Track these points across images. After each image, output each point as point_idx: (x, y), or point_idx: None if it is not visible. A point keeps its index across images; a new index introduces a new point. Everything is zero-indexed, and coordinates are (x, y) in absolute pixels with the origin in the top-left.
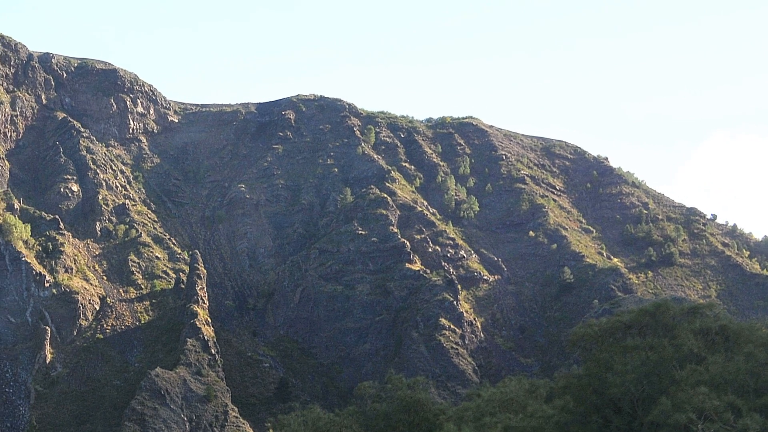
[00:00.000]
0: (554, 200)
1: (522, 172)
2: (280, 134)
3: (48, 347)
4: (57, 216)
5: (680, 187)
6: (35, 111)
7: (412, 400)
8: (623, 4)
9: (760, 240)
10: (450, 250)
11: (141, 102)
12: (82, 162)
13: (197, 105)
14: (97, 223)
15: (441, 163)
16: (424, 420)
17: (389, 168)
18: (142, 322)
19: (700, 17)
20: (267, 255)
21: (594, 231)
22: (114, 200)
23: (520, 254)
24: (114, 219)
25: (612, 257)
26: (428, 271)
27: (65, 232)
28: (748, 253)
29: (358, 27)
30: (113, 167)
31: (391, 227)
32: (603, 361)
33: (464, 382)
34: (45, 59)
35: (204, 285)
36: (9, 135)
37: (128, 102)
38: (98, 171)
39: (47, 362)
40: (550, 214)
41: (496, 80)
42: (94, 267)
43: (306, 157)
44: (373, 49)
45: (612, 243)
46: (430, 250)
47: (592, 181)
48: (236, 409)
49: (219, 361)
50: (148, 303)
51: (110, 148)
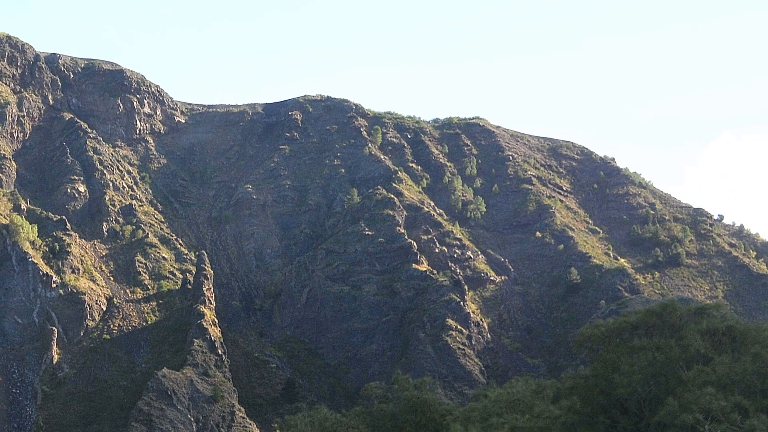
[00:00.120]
0: (561, 201)
1: (529, 173)
2: (287, 135)
3: (55, 348)
4: (64, 216)
5: (687, 188)
6: (42, 111)
7: (419, 401)
8: (631, 5)
9: (767, 241)
10: (457, 251)
11: (148, 102)
12: (89, 163)
13: (204, 105)
14: (104, 224)
15: (448, 164)
16: (431, 420)
17: (396, 168)
18: (149, 323)
19: (708, 18)
20: (274, 255)
21: (601, 231)
22: (121, 201)
23: (527, 255)
24: (121, 219)
25: (619, 258)
26: (435, 272)
27: (72, 233)
28: (755, 254)
29: (365, 28)
30: (120, 168)
31: (398, 228)
32: (610, 362)
33: (471, 383)
34: (52, 60)
35: (211, 285)
36: (16, 136)
37: (135, 102)
38: (105, 171)
39: (54, 363)
40: (557, 215)
41: (503, 81)
42: (101, 267)
43: (313, 158)
44: (380, 50)
45: (619, 243)
46: (437, 251)
47: (599, 182)
48: (243, 410)
49: (226, 362)
50: (155, 303)
51: (117, 149)
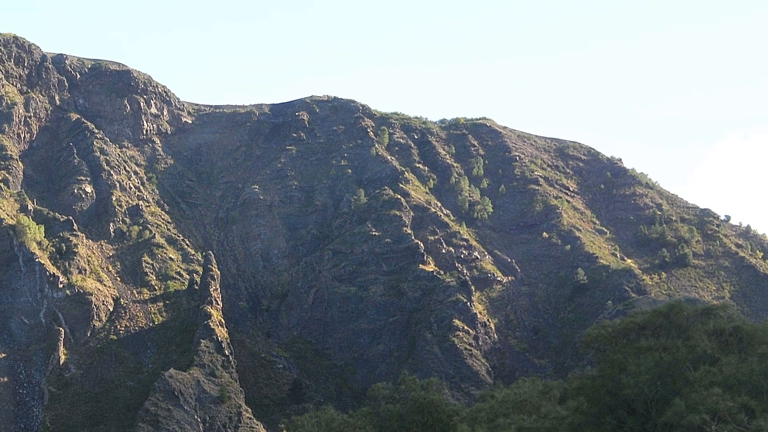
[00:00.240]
0: (568, 201)
1: (536, 173)
2: (294, 135)
3: (62, 348)
4: (71, 217)
5: (694, 188)
6: (49, 112)
7: (426, 401)
8: (637, 5)
9: None
10: (463, 251)
11: (155, 103)
12: (96, 163)
13: (211, 106)
14: (111, 224)
15: (455, 164)
16: (438, 421)
17: (403, 169)
18: (156, 323)
19: (715, 18)
20: (281, 256)
21: (608, 232)
22: (127, 201)
23: (534, 255)
24: (127, 220)
25: (625, 258)
26: (442, 272)
27: (79, 234)
28: (762, 254)
29: (372, 28)
30: (127, 168)
31: (405, 228)
32: (617, 362)
33: (478, 383)
34: (58, 60)
35: (217, 286)
36: (23, 136)
37: (142, 103)
38: (112, 172)
39: (61, 363)
40: (564, 216)
41: (510, 81)
42: (108, 268)
43: (320, 158)
44: (387, 50)
45: (626, 244)
46: (444, 251)
47: (606, 182)
48: (250, 410)
49: (233, 362)
50: (162, 304)
51: (124, 149)
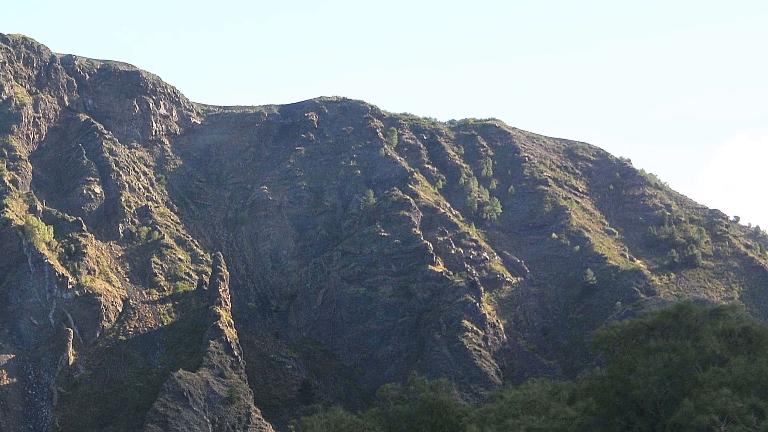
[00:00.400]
0: (577, 202)
1: (545, 174)
2: (303, 136)
3: (71, 349)
4: (80, 218)
5: (703, 189)
6: (58, 113)
7: (435, 402)
8: (645, 6)
9: None
10: (473, 252)
11: (164, 104)
12: (105, 164)
13: (220, 107)
14: (120, 225)
15: (464, 165)
16: (447, 422)
17: (412, 170)
18: (165, 324)
19: (722, 19)
20: (290, 257)
21: (617, 233)
22: (136, 202)
23: (543, 256)
24: (136, 221)
25: (635, 259)
26: (451, 273)
27: (88, 234)
28: None
29: (381, 29)
30: (136, 169)
31: (414, 229)
32: (626, 363)
33: (487, 384)
34: (68, 61)
35: (227, 287)
36: (32, 137)
37: (151, 104)
38: (121, 173)
39: (70, 364)
40: (573, 216)
41: (519, 82)
42: (117, 269)
43: (329, 159)
44: (396, 51)
45: (635, 245)
46: (453, 252)
47: (615, 183)
48: (259, 411)
49: (242, 363)
50: (171, 305)
51: (133, 150)
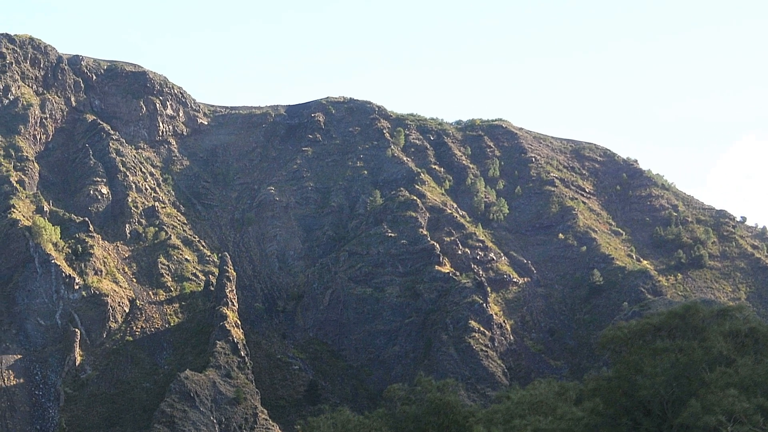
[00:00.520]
0: (584, 203)
1: (551, 175)
2: (310, 136)
3: (77, 350)
4: (86, 218)
5: (710, 190)
6: (65, 113)
7: (442, 403)
8: (653, 7)
9: None
10: (479, 253)
11: (170, 104)
12: (112, 164)
13: (227, 107)
14: (127, 226)
15: (470, 166)
16: (454, 422)
17: (419, 170)
18: (172, 325)
19: (730, 19)
20: (296, 257)
21: (623, 233)
22: (143, 202)
23: (550, 257)
24: (143, 221)
25: (641, 259)
26: (458, 274)
27: (95, 235)
28: None
29: (388, 29)
30: (143, 169)
31: (421, 229)
32: (632, 364)
33: (494, 385)
34: (74, 61)
35: (233, 287)
36: (38, 137)
37: (158, 104)
38: (128, 173)
39: (77, 365)
40: (580, 217)
41: (526, 82)
42: (124, 269)
43: (335, 160)
44: (403, 52)
45: (641, 245)
46: (460, 253)
47: (622, 184)
48: (266, 412)
49: (248, 364)
50: (178, 305)
51: (140, 151)
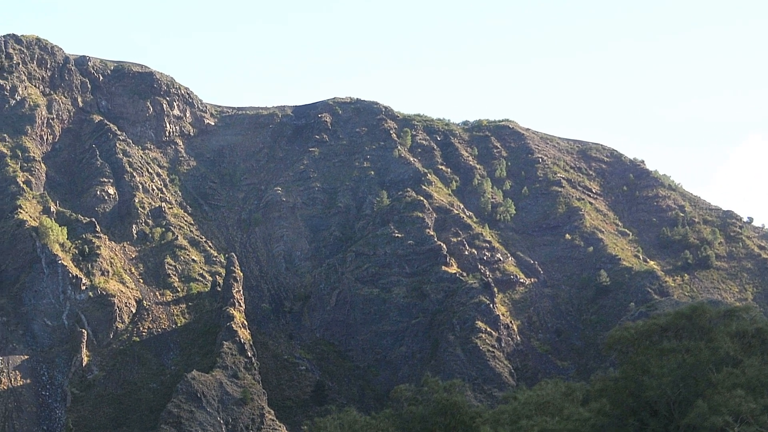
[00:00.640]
0: (590, 203)
1: (558, 175)
2: (317, 137)
3: (84, 350)
4: (93, 219)
5: (716, 190)
6: (71, 114)
7: (449, 403)
8: (658, 7)
9: None
10: (486, 253)
11: (177, 105)
12: (119, 165)
13: (233, 108)
14: (134, 226)
15: (477, 166)
16: (461, 423)
17: (425, 171)
18: (179, 325)
19: (735, 19)
20: (303, 258)
21: (630, 234)
22: (150, 203)
23: (557, 257)
24: (150, 222)
25: (648, 260)
26: (464, 274)
27: (101, 235)
28: None
29: (394, 30)
30: (149, 170)
31: (428, 230)
32: (639, 364)
33: (500, 385)
34: (81, 62)
35: (240, 288)
36: (45, 138)
37: (164, 105)
38: (134, 174)
39: (83, 365)
40: (587, 217)
41: (533, 83)
42: (131, 270)
43: (342, 160)
44: (410, 52)
45: (648, 246)
46: (467, 253)
47: (629, 184)
48: (272, 412)
49: (255, 364)
50: (185, 306)
51: (146, 151)
